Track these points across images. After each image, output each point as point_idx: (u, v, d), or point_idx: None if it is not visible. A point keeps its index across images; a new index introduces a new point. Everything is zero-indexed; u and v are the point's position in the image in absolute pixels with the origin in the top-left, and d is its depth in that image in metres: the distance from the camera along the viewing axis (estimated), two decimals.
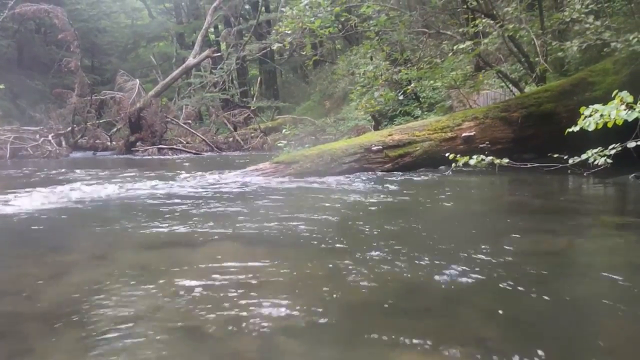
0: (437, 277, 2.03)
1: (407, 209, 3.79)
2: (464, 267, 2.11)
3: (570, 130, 3.96)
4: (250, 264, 2.30)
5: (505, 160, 5.32)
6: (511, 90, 8.32)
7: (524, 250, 2.52)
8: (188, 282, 2.01)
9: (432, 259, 2.26)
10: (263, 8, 23.85)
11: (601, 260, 2.41)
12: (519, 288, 1.90)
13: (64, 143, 13.90)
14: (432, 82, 9.23)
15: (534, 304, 1.77)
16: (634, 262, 2.33)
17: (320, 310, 1.70)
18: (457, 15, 9.59)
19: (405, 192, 4.59)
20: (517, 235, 2.82)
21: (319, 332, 1.55)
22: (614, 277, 2.04)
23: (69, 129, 14.55)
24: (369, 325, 1.60)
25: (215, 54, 18.29)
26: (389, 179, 5.39)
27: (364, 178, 5.51)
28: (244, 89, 24.53)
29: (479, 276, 2.03)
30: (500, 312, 1.69)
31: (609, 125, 3.61)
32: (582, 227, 3.11)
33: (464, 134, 6.12)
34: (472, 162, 5.37)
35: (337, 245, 2.65)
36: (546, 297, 1.81)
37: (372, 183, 5.16)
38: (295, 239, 2.74)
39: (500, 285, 1.95)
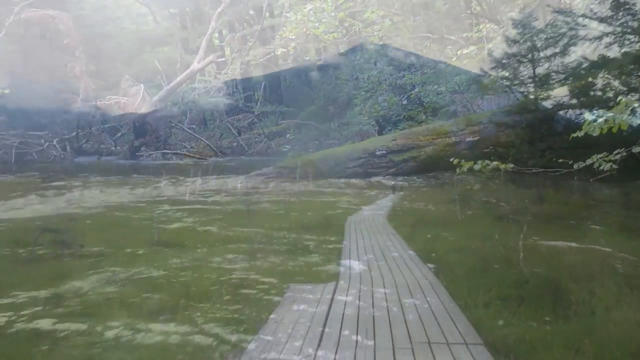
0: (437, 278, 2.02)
1: (410, 212, 3.79)
2: (464, 268, 2.11)
3: (574, 135, 3.94)
4: (252, 265, 2.30)
5: (510, 166, 5.30)
6: (515, 95, 8.31)
7: (525, 252, 2.51)
8: (191, 286, 2.02)
9: (433, 261, 2.25)
10: (267, 13, 23.91)
11: (602, 263, 2.40)
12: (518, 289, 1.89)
13: (68, 148, 13.95)
14: (436, 86, 9.24)
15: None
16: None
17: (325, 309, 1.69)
18: (461, 20, 9.60)
19: (407, 196, 4.59)
20: (518, 239, 2.80)
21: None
22: (613, 278, 2.03)
23: (74, 133, 14.61)
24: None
25: (220, 59, 18.35)
26: (392, 183, 5.37)
27: (365, 182, 5.50)
28: (248, 94, 24.54)
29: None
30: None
31: (614, 130, 3.59)
32: (584, 231, 3.09)
33: (468, 139, 6.11)
34: (476, 167, 5.34)
35: (336, 245, 2.65)
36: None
37: (374, 187, 5.16)
38: (295, 241, 2.74)
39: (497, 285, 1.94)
